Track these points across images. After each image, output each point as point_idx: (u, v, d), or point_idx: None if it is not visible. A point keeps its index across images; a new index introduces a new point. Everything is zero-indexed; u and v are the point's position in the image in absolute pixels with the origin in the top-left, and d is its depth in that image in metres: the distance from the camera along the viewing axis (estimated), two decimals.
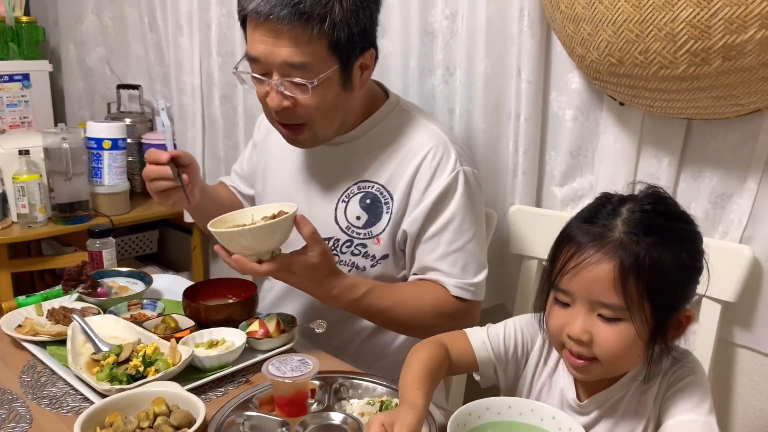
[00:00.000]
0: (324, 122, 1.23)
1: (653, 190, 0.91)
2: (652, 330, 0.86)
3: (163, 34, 2.38)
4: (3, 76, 2.56)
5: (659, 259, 0.83)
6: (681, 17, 1.04)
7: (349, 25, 1.15)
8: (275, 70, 1.17)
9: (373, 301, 1.23)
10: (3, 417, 1.01)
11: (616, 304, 0.84)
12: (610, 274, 0.83)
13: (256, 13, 1.13)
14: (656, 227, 0.85)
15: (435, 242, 1.27)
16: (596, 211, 0.89)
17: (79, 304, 1.33)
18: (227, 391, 1.09)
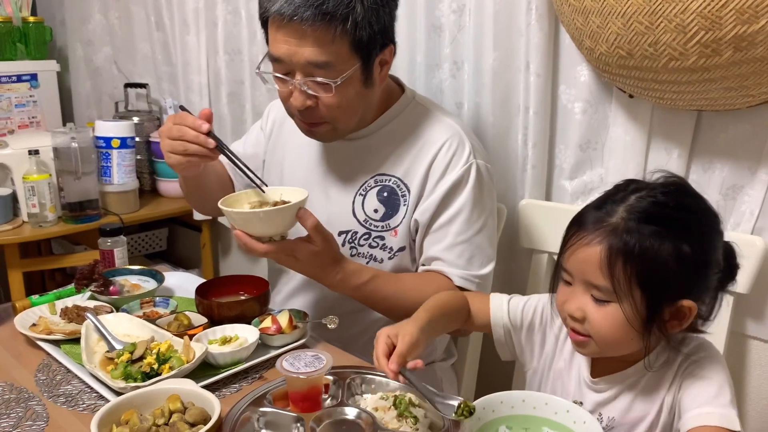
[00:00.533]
0: (345, 119, 1.25)
1: (673, 180, 0.92)
2: (644, 317, 0.87)
3: (170, 32, 2.39)
4: (11, 76, 2.57)
5: (653, 248, 0.85)
6: (691, 8, 1.04)
7: (371, 23, 1.16)
8: (298, 70, 1.17)
9: (376, 288, 1.25)
10: (20, 415, 1.02)
11: (604, 286, 0.87)
12: (598, 256, 0.87)
13: (279, 14, 1.13)
14: (660, 217, 0.86)
15: (443, 233, 1.28)
16: (607, 196, 0.92)
17: (92, 303, 1.34)
18: (241, 388, 1.10)
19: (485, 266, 1.29)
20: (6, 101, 2.57)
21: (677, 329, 0.90)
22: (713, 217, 0.91)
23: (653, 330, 0.88)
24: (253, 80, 2.15)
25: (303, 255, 1.17)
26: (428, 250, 1.30)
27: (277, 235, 1.16)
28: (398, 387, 1.04)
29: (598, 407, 0.97)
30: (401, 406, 0.97)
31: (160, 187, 2.50)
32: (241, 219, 1.14)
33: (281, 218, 1.14)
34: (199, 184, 1.41)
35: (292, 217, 1.14)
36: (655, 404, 0.93)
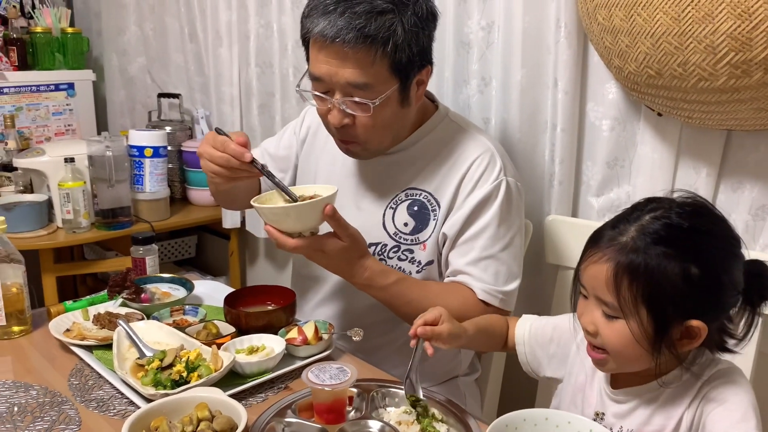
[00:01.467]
0: (378, 139, 1.27)
1: (692, 201, 0.92)
2: (652, 335, 0.88)
3: (203, 44, 2.44)
4: (49, 85, 2.65)
5: (659, 268, 0.86)
6: (721, 29, 1.04)
7: (410, 45, 1.18)
8: (338, 89, 1.20)
9: (402, 290, 1.26)
10: (54, 419, 1.05)
11: (611, 303, 0.90)
12: (605, 274, 0.89)
13: (322, 35, 1.16)
14: (670, 238, 0.87)
15: (468, 246, 1.29)
16: (624, 215, 0.94)
17: (123, 310, 1.37)
18: (267, 397, 1.12)
19: (510, 283, 1.29)
20: (44, 109, 2.65)
21: (687, 348, 0.91)
22: (731, 240, 0.91)
23: (662, 348, 0.89)
24: (284, 92, 2.19)
25: (331, 250, 1.19)
26: (454, 263, 1.31)
27: (306, 230, 1.19)
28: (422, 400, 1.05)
29: (618, 419, 0.97)
30: (424, 421, 0.98)
31: (190, 196, 2.54)
32: (272, 214, 1.18)
33: (310, 213, 1.17)
34: (230, 189, 1.43)
35: (320, 212, 1.17)
36: (672, 419, 0.93)
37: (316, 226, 1.20)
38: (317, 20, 1.17)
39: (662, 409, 0.94)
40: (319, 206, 1.16)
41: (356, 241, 1.22)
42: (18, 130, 2.51)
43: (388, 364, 1.36)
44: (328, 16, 1.15)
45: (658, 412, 0.94)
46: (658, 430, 0.94)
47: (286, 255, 2.48)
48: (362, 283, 1.25)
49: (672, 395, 0.94)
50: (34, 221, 2.14)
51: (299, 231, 1.18)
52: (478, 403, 1.51)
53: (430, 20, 1.23)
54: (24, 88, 2.60)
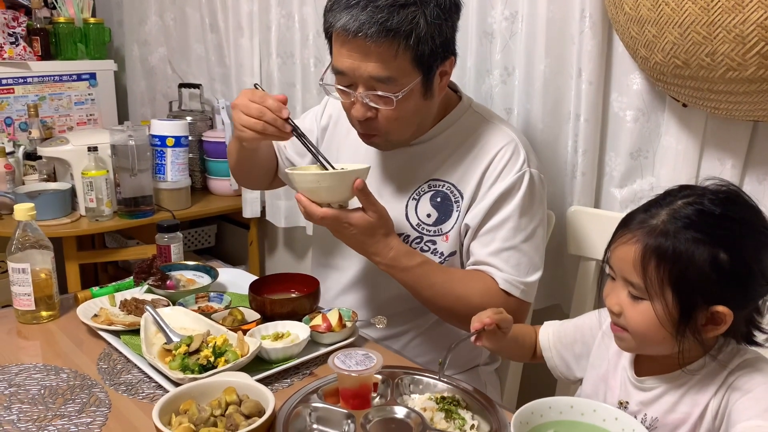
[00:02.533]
0: (401, 131, 1.27)
1: (726, 189, 0.92)
2: (676, 318, 0.89)
3: (224, 34, 2.45)
4: (72, 75, 2.68)
5: (687, 252, 0.86)
6: (751, 19, 1.03)
7: (433, 37, 1.17)
8: (361, 83, 1.20)
9: (425, 273, 1.27)
10: (84, 401, 1.07)
11: (638, 284, 0.90)
12: (633, 255, 0.90)
13: (344, 30, 1.15)
14: (701, 223, 0.87)
15: (490, 237, 1.29)
16: (656, 200, 0.94)
17: (149, 296, 1.39)
18: (293, 383, 1.13)
19: (531, 274, 1.29)
20: (66, 99, 2.67)
21: (711, 334, 0.91)
22: (763, 229, 0.91)
23: (686, 333, 0.89)
24: (305, 83, 2.19)
25: (358, 224, 1.20)
26: (475, 254, 1.31)
27: (336, 202, 1.20)
28: (445, 389, 1.06)
29: (642, 407, 0.98)
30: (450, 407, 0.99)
31: (210, 185, 2.56)
32: (305, 182, 1.20)
33: (341, 184, 1.18)
34: (252, 156, 1.45)
35: (350, 185, 1.18)
36: (698, 406, 0.93)
37: (346, 199, 1.21)
38: (339, 14, 1.16)
39: (687, 397, 0.94)
40: (350, 178, 1.18)
41: (383, 218, 1.23)
42: (41, 120, 2.54)
43: (409, 354, 1.38)
44: (351, 10, 1.15)
45: (683, 399, 0.94)
46: (683, 417, 0.94)
47: (305, 245, 2.50)
48: (386, 263, 1.25)
49: (697, 383, 0.94)
50: (58, 209, 2.17)
51: (329, 202, 1.20)
52: (498, 393, 1.52)
53: (454, 11, 1.22)
54: (47, 77, 2.63)
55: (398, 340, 1.40)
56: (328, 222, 1.21)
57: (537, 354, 1.17)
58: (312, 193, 1.20)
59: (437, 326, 1.40)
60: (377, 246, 1.24)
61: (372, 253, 1.26)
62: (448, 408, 1.00)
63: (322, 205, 1.20)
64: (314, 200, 1.20)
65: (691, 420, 0.93)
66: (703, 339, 0.91)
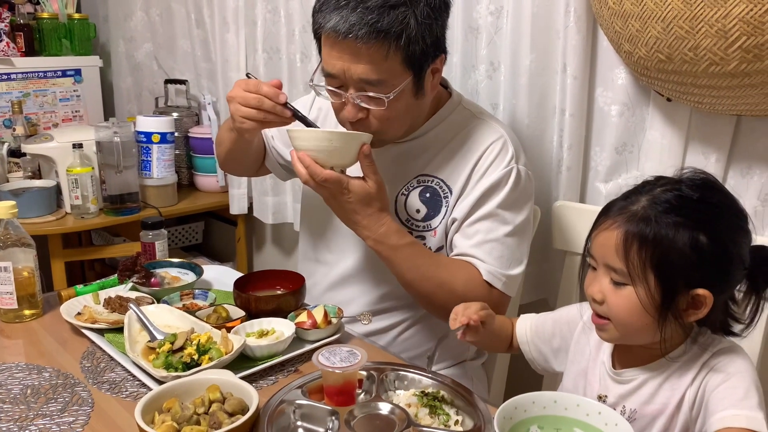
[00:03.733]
0: (393, 130, 1.27)
1: (701, 176, 0.94)
2: (659, 302, 0.90)
3: (210, 30, 2.43)
4: (56, 71, 2.65)
5: (668, 236, 0.88)
6: (733, 13, 1.04)
7: (424, 37, 1.17)
8: (351, 85, 1.19)
9: (413, 254, 1.26)
10: (67, 400, 1.06)
11: (620, 269, 0.91)
12: (615, 240, 0.91)
13: (334, 31, 1.14)
14: (680, 207, 0.89)
15: (474, 229, 1.29)
16: (634, 189, 0.96)
17: (134, 294, 1.38)
18: (277, 380, 1.13)
19: (514, 268, 1.29)
20: (51, 95, 2.65)
21: (693, 318, 0.92)
22: (738, 213, 0.93)
23: (669, 318, 0.91)
24: (291, 78, 2.18)
25: (356, 191, 1.19)
26: (459, 246, 1.30)
27: (338, 167, 1.19)
28: (430, 384, 1.06)
29: (620, 399, 0.99)
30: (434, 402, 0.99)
31: (197, 182, 2.55)
32: (315, 138, 1.17)
33: (347, 145, 1.17)
34: (247, 147, 1.44)
35: (356, 149, 1.18)
36: (675, 396, 0.94)
37: (349, 163, 1.20)
38: (329, 15, 1.15)
39: (664, 388, 0.95)
40: (358, 141, 1.18)
41: (382, 190, 1.22)
42: (25, 116, 2.52)
43: (395, 349, 1.38)
44: (341, 11, 1.14)
45: (660, 390, 0.95)
46: (661, 408, 0.95)
47: (292, 241, 2.49)
48: (375, 237, 1.23)
49: (674, 374, 0.95)
50: (43, 207, 2.16)
51: (331, 165, 1.18)
52: (485, 387, 1.52)
53: (443, 9, 1.21)
54: (31, 74, 2.60)
55: (384, 335, 1.40)
56: (329, 184, 1.18)
57: (513, 345, 1.17)
58: (317, 153, 1.17)
59: (423, 322, 1.40)
60: (370, 218, 1.22)
61: (363, 226, 1.23)
62: (433, 404, 1.00)
63: (324, 166, 1.18)
64: (317, 161, 1.18)
65: (668, 410, 0.94)
66: (684, 323, 0.92)
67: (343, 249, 1.42)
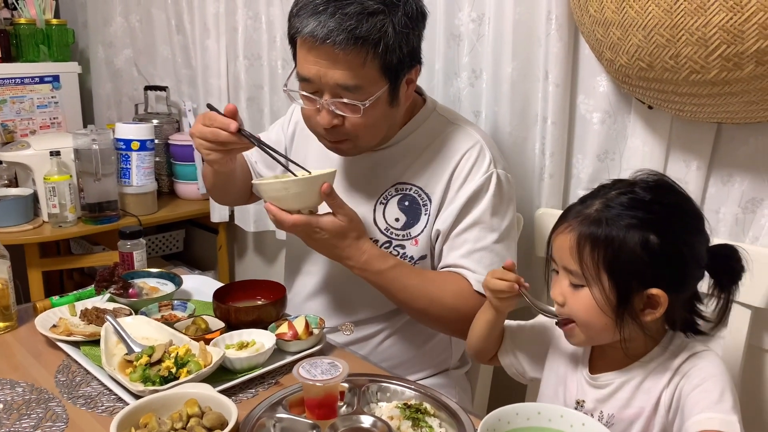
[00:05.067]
0: (368, 137, 1.26)
1: (656, 178, 0.96)
2: (614, 303, 0.92)
3: (190, 36, 2.41)
4: (34, 77, 2.61)
5: (619, 236, 0.90)
6: (713, 22, 1.04)
7: (401, 46, 1.17)
8: (327, 90, 1.18)
9: (399, 275, 1.26)
10: (40, 416, 1.04)
11: (575, 270, 0.94)
12: (569, 242, 0.94)
13: (312, 36, 1.13)
14: (633, 209, 0.91)
15: (461, 239, 1.28)
16: (591, 193, 0.98)
17: (111, 305, 1.36)
18: (257, 393, 1.11)
19: None
20: (28, 102, 2.61)
21: (650, 318, 0.93)
22: (692, 213, 0.95)
23: (626, 318, 0.92)
24: (272, 85, 2.17)
25: (329, 228, 1.19)
26: (447, 257, 1.30)
27: (305, 209, 1.20)
28: (413, 395, 1.05)
29: (598, 405, 0.99)
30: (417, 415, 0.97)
31: (177, 189, 2.52)
32: (271, 190, 1.19)
33: (308, 189, 1.18)
34: (228, 178, 1.44)
35: (318, 190, 1.18)
36: (651, 400, 0.95)
37: (315, 204, 1.20)
38: (306, 20, 1.14)
39: (640, 392, 0.96)
40: (317, 183, 1.17)
41: (354, 221, 1.22)
42: (2, 123, 2.48)
43: (377, 358, 1.36)
44: (318, 16, 1.13)
45: (636, 394, 0.96)
46: (638, 412, 0.96)
47: (275, 249, 2.47)
48: (359, 266, 1.24)
49: (649, 377, 0.96)
50: (20, 215, 2.12)
51: (298, 209, 1.19)
52: (468, 396, 1.51)
53: (420, 20, 1.21)
54: (8, 80, 2.56)
55: (366, 344, 1.39)
56: (299, 228, 1.20)
57: None
58: (281, 201, 1.19)
59: (404, 329, 1.39)
60: (349, 250, 1.23)
61: (345, 258, 1.24)
62: (416, 416, 0.99)
63: (292, 212, 1.19)
64: (284, 208, 1.19)
65: (644, 414, 0.95)
66: (643, 323, 0.93)
67: (323, 258, 1.40)
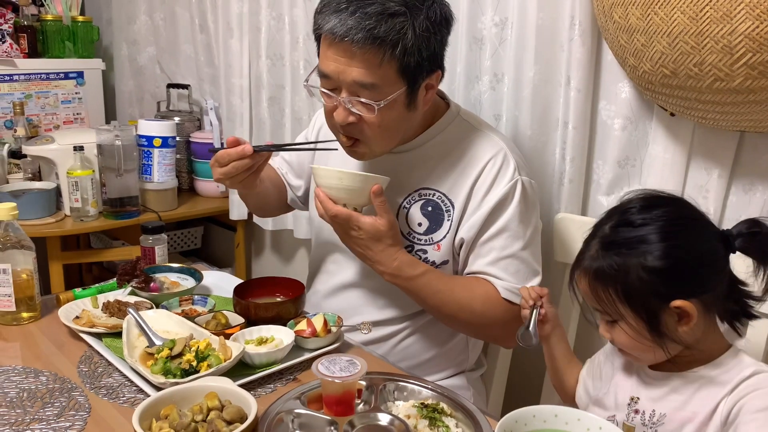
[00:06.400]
0: (383, 141, 1.27)
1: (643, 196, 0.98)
2: (647, 327, 0.93)
3: (213, 35, 2.44)
4: (59, 73, 2.65)
5: (623, 267, 0.92)
6: (739, 30, 1.04)
7: (420, 50, 1.17)
8: (345, 87, 1.19)
9: (429, 281, 1.28)
10: (63, 405, 1.06)
11: (600, 309, 0.97)
12: (585, 288, 0.98)
13: (332, 33, 1.15)
14: (624, 239, 0.94)
15: (488, 248, 1.29)
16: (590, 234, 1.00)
17: (133, 298, 1.37)
18: (276, 388, 1.12)
19: (531, 280, 1.29)
20: (53, 97, 2.65)
21: (688, 327, 0.93)
22: (685, 216, 0.96)
23: (665, 337, 0.93)
24: (294, 85, 2.18)
25: (368, 229, 1.23)
26: (473, 265, 1.31)
27: (351, 204, 1.24)
28: (430, 395, 1.05)
29: (651, 403, 0.99)
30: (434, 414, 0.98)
31: (197, 187, 2.55)
32: (326, 176, 1.23)
33: (360, 186, 1.22)
34: (259, 192, 1.48)
35: (368, 190, 1.21)
36: (707, 407, 0.94)
37: (361, 203, 1.24)
38: (329, 17, 1.16)
39: (697, 397, 0.95)
40: (370, 182, 1.21)
41: (393, 228, 1.25)
42: (27, 118, 2.52)
43: (394, 358, 1.37)
44: (340, 14, 1.15)
45: (693, 398, 0.95)
46: (690, 416, 0.94)
47: (292, 248, 2.48)
48: (390, 272, 1.26)
49: (710, 384, 0.94)
50: (42, 209, 2.15)
51: (344, 202, 1.23)
52: (483, 399, 1.51)
53: (443, 25, 1.21)
54: (33, 75, 2.60)
55: (384, 344, 1.39)
56: (340, 219, 1.24)
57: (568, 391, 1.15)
58: (331, 190, 1.23)
59: (421, 332, 1.39)
60: (382, 254, 1.25)
61: (376, 261, 1.26)
62: (432, 415, 1.00)
63: (338, 203, 1.23)
64: (332, 197, 1.23)
65: (698, 419, 0.94)
66: (681, 336, 0.93)
67: (346, 259, 1.42)
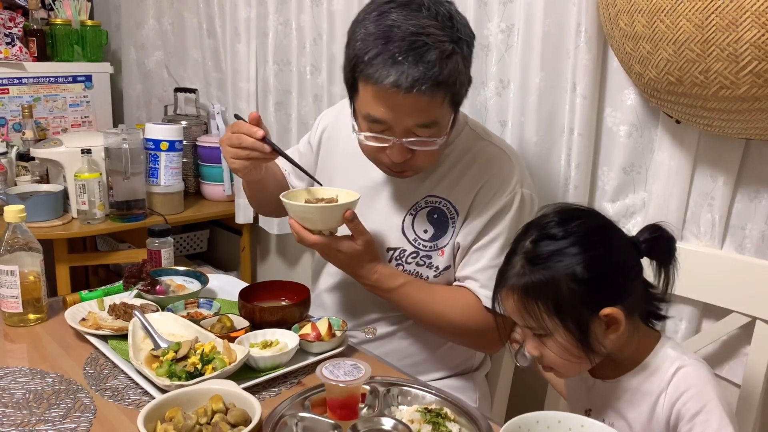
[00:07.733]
0: (431, 163, 1.29)
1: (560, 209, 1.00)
2: (579, 336, 0.95)
3: (221, 40, 2.45)
4: (67, 76, 2.67)
5: (551, 280, 0.94)
6: (745, 38, 1.04)
7: (468, 78, 1.21)
8: (400, 129, 1.18)
9: (408, 293, 1.31)
10: (69, 406, 1.06)
11: (532, 325, 0.98)
12: (513, 305, 0.99)
13: (396, 86, 1.10)
14: (548, 252, 0.96)
15: (478, 255, 1.31)
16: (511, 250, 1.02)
17: (139, 301, 1.38)
18: (280, 392, 1.13)
19: None
20: (61, 101, 2.67)
21: (615, 335, 0.96)
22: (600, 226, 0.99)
23: (594, 345, 0.95)
24: (301, 90, 2.19)
25: (346, 251, 1.26)
26: (462, 270, 1.33)
27: (326, 230, 1.26)
28: (434, 400, 1.06)
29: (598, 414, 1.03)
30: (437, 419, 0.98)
31: (203, 190, 2.56)
32: (298, 210, 1.25)
33: (331, 215, 1.24)
34: (261, 188, 1.49)
35: (341, 215, 1.23)
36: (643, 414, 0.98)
37: (336, 227, 1.26)
38: (387, 70, 1.10)
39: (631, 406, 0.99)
40: (341, 210, 1.23)
41: (369, 246, 1.28)
42: (35, 121, 2.53)
43: (397, 355, 1.39)
44: (400, 66, 1.10)
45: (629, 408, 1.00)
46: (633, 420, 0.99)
47: (297, 252, 2.49)
48: (370, 284, 1.31)
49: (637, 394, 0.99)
50: (50, 211, 2.16)
51: (320, 229, 1.25)
52: (487, 399, 1.51)
53: (474, 45, 1.24)
54: (42, 79, 2.62)
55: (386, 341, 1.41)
56: (318, 248, 1.28)
57: None
58: (305, 221, 1.25)
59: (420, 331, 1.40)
60: (362, 270, 1.29)
61: (358, 276, 1.31)
62: (436, 420, 1.00)
63: (314, 231, 1.25)
64: (306, 226, 1.25)
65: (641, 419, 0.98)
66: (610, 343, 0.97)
67: None
